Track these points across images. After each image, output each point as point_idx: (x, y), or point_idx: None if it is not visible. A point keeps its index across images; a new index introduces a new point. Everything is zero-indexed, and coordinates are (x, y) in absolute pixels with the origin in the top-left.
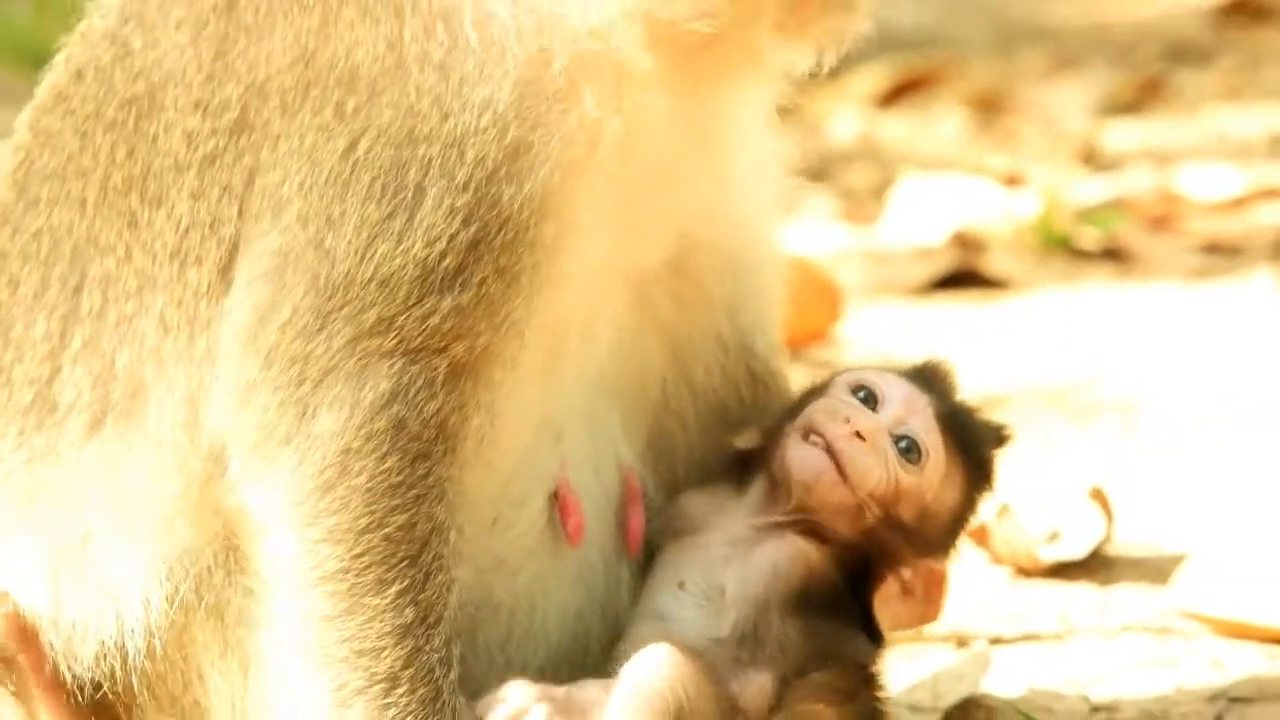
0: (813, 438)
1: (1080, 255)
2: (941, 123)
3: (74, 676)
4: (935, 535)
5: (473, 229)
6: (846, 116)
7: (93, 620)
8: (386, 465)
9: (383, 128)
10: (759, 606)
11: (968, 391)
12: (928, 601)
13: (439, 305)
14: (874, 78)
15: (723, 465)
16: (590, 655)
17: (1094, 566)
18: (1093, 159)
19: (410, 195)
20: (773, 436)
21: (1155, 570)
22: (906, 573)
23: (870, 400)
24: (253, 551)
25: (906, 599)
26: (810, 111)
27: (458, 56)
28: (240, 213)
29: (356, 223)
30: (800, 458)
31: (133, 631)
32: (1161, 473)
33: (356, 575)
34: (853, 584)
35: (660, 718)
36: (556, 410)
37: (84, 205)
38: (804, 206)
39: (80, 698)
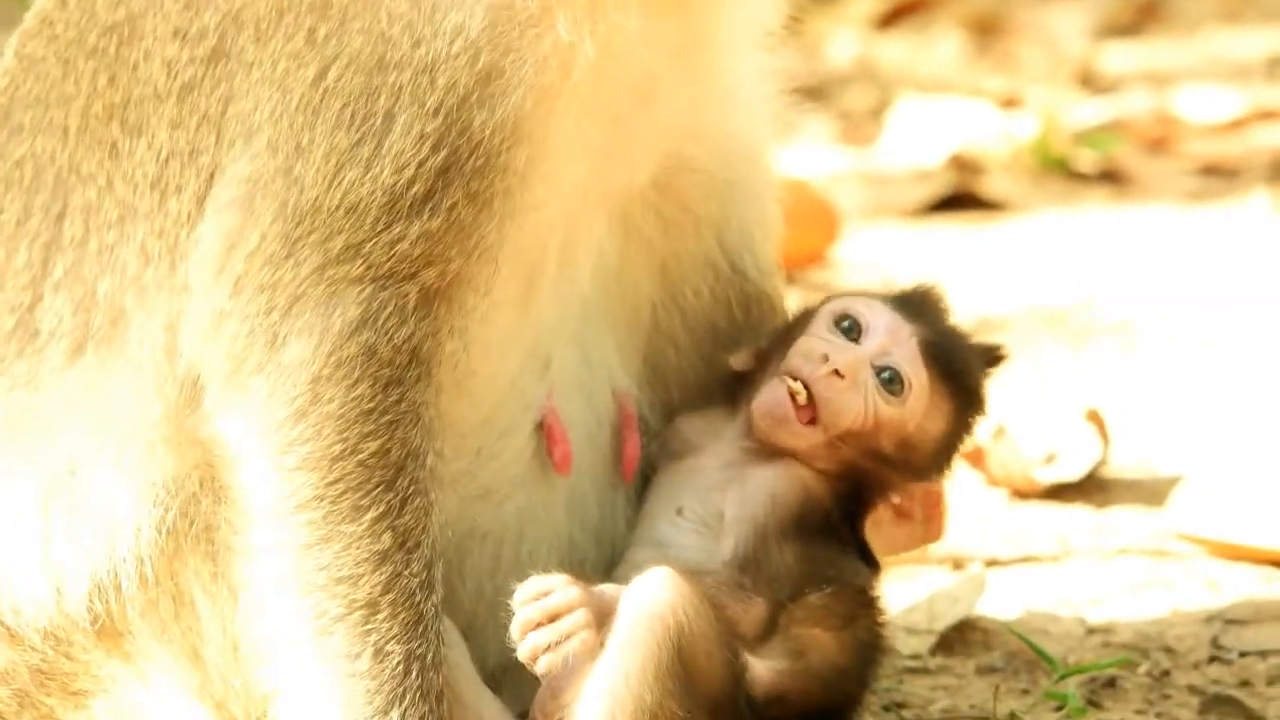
0: (787, 379)
1: (1077, 177)
2: (939, 45)
3: (66, 611)
4: (923, 461)
5: (442, 155)
6: (844, 38)
7: (85, 549)
8: (358, 392)
9: (353, 54)
10: (757, 531)
11: (964, 313)
12: (928, 522)
13: (407, 231)
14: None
15: (718, 386)
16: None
17: (1090, 488)
18: (1090, 81)
19: (379, 122)
20: (764, 359)
21: (1151, 492)
22: (897, 498)
23: (854, 330)
24: (231, 481)
25: (902, 522)
26: (808, 33)
27: None
28: (218, 141)
29: (325, 150)
30: (763, 400)
31: (124, 559)
32: (1158, 395)
33: (331, 503)
34: (847, 509)
35: (662, 641)
36: (542, 338)
37: (66, 133)
38: (801, 128)
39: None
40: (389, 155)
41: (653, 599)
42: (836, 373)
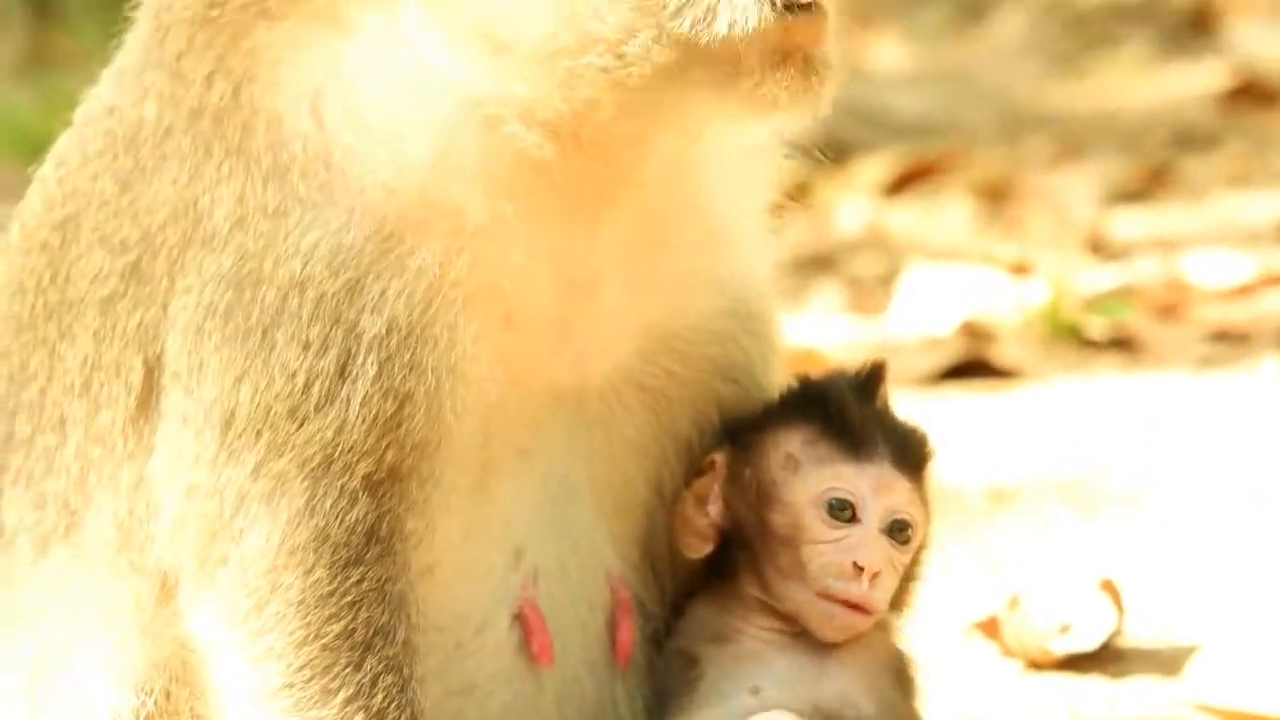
0: (832, 603)
1: (1088, 344)
2: (949, 211)
3: None
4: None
5: (332, 356)
6: (854, 205)
7: None
8: (315, 576)
9: (224, 274)
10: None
11: (975, 481)
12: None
13: (324, 427)
14: (881, 166)
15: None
16: None
17: (1105, 659)
18: (1100, 247)
19: (260, 338)
20: (742, 533)
21: (1167, 662)
22: None
23: (848, 508)
24: (206, 672)
25: None
26: (817, 200)
27: (291, 204)
28: (143, 362)
29: (220, 365)
30: (831, 624)
31: None
32: (1172, 563)
33: (300, 689)
34: None
35: None
36: (512, 527)
37: (19, 328)
38: (811, 296)
39: None
40: (276, 365)
41: None
42: (868, 571)
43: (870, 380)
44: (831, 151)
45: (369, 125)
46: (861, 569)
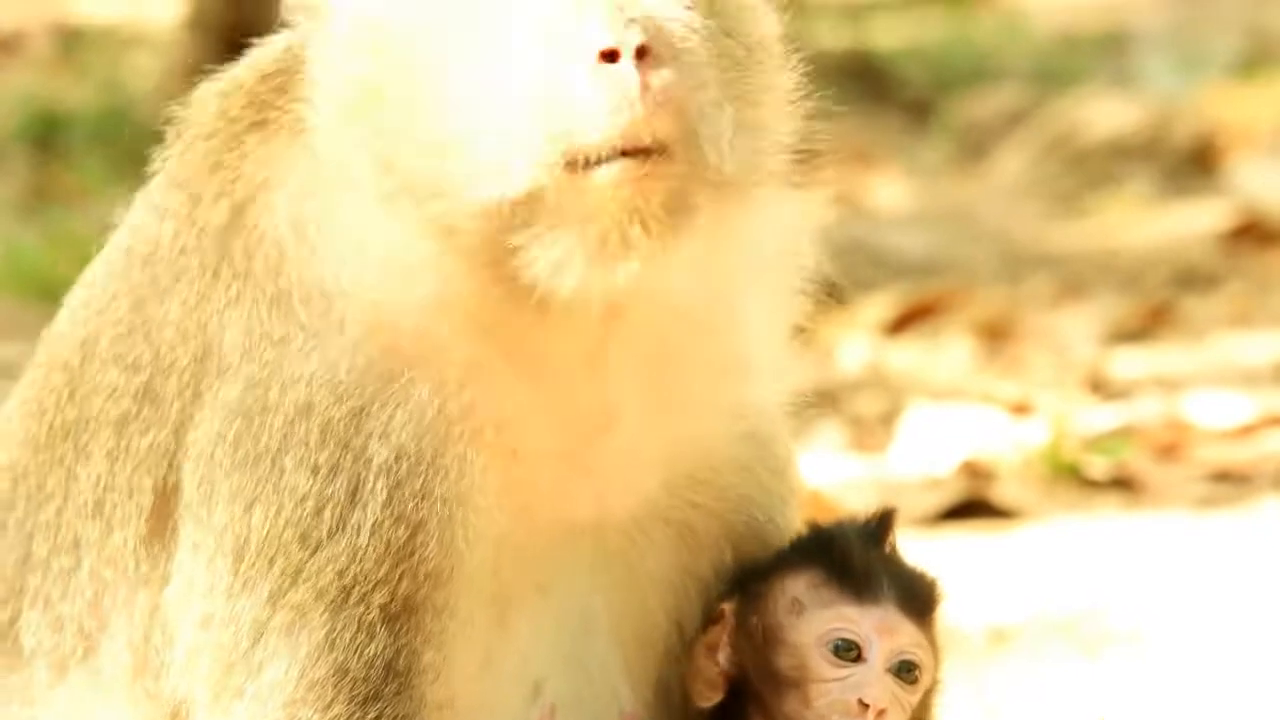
0: None
1: (1089, 484)
2: (949, 350)
3: None
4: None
5: (341, 481)
6: (855, 344)
7: None
8: (334, 712)
9: (234, 402)
10: None
11: (974, 621)
12: None
13: (336, 554)
14: (882, 305)
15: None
16: None
17: None
18: (1101, 386)
19: (270, 463)
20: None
21: None
22: None
23: (853, 649)
24: None
25: None
26: (818, 339)
27: (294, 330)
28: (153, 485)
29: (228, 495)
30: None
31: None
32: (1171, 705)
33: None
34: None
35: None
36: (530, 662)
37: (37, 447)
38: (812, 435)
39: None
40: (286, 491)
41: None
42: (873, 708)
43: (880, 527)
44: (832, 290)
45: (346, 256)
46: (867, 706)
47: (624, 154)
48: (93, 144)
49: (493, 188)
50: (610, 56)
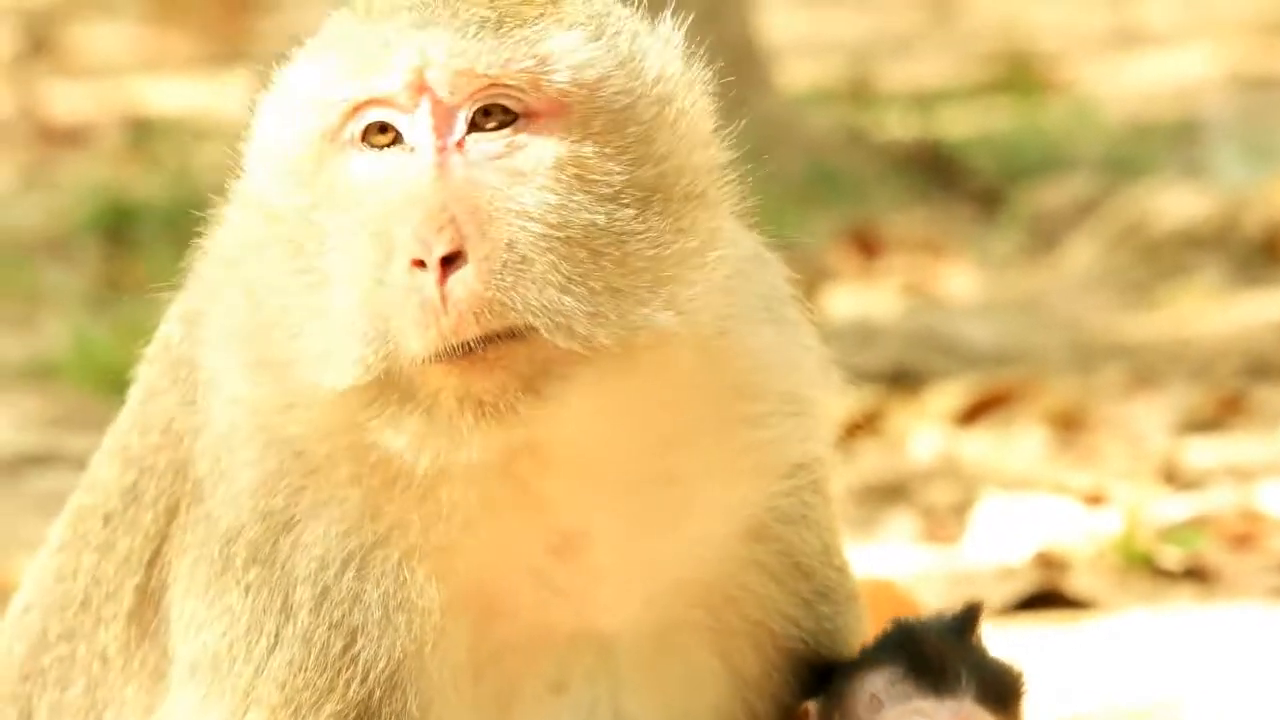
0: None
1: (1163, 574)
2: (1022, 440)
3: None
4: None
5: (267, 596)
6: (926, 434)
7: None
8: None
9: (196, 531)
10: None
11: (1048, 713)
12: None
13: (275, 667)
14: (953, 395)
15: None
16: None
17: None
18: (1174, 476)
19: (215, 588)
20: None
21: None
22: None
23: None
24: None
25: None
26: (889, 429)
27: (231, 462)
28: (135, 587)
29: (185, 620)
30: None
31: None
32: None
33: None
34: None
35: None
36: None
37: (73, 530)
38: (884, 527)
39: None
40: (222, 612)
41: None
42: None
43: (965, 620)
44: (903, 380)
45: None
46: None
47: (443, 354)
48: (163, 235)
49: (334, 378)
50: (421, 264)
